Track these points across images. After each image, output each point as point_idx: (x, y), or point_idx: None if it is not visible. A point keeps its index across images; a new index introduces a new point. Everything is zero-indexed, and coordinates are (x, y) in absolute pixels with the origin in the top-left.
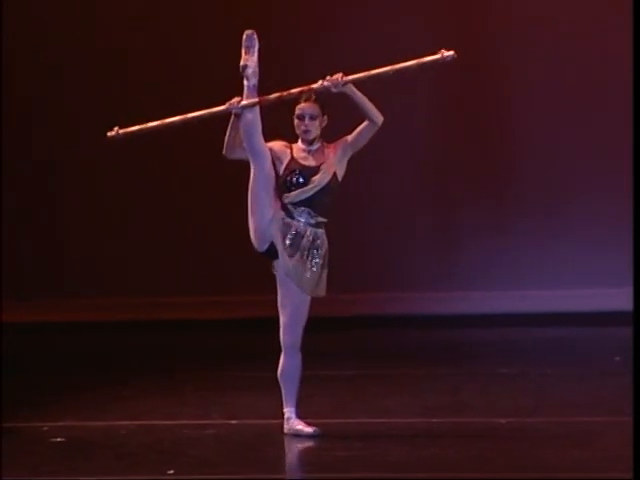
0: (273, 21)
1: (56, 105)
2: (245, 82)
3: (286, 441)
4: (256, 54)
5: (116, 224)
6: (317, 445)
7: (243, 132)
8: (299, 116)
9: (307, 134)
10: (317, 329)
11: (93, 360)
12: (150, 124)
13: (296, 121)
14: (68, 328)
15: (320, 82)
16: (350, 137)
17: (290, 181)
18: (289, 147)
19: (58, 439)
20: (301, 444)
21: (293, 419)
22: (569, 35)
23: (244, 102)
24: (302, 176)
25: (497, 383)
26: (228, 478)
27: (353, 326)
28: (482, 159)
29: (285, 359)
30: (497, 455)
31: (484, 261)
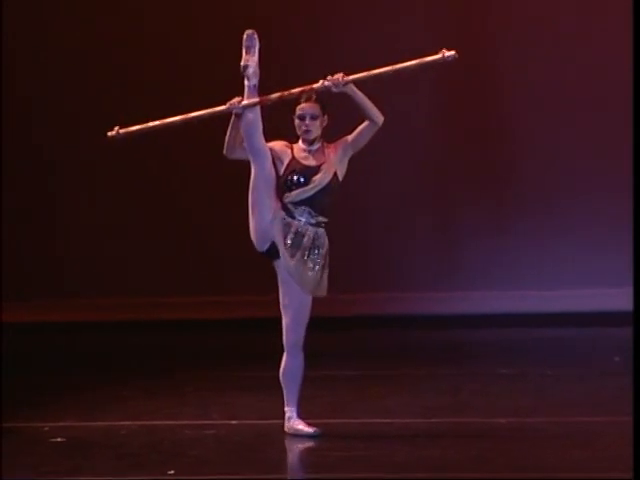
0: (273, 21)
1: (56, 105)
2: (246, 82)
3: (286, 441)
4: (257, 54)
5: (116, 224)
6: (317, 445)
7: (244, 132)
8: (300, 116)
9: (308, 134)
10: (317, 329)
11: (93, 360)
12: (150, 124)
13: (297, 121)
14: (68, 328)
15: (321, 82)
16: (350, 137)
17: (291, 181)
18: (290, 147)
19: (58, 439)
20: (301, 444)
21: (294, 418)
22: (569, 35)
23: (245, 102)
24: (303, 176)
25: (497, 383)
26: (228, 478)
27: (353, 326)
28: (482, 159)
29: (287, 359)
30: (497, 455)
31: (484, 261)
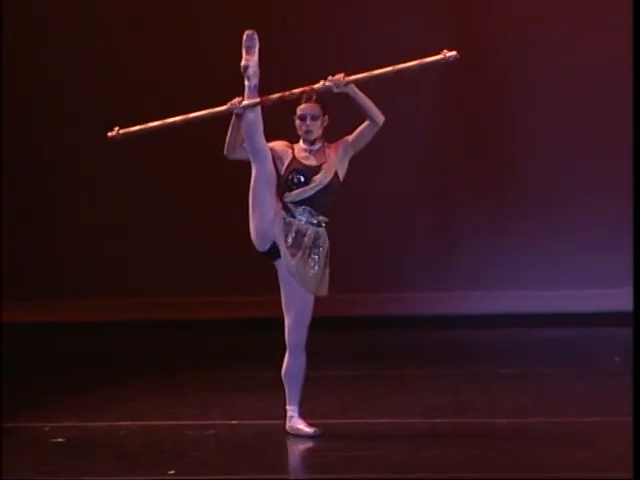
0: (273, 21)
1: (56, 105)
2: (246, 82)
3: (286, 441)
4: (257, 54)
5: (116, 224)
6: (318, 445)
7: (245, 132)
8: (301, 117)
9: (309, 134)
10: (317, 329)
11: (93, 360)
12: (151, 124)
13: (297, 121)
14: (68, 328)
15: (322, 82)
16: (351, 137)
17: (291, 180)
18: (290, 147)
19: (58, 439)
20: (301, 444)
21: (295, 418)
22: (569, 35)
23: (245, 102)
24: (303, 175)
25: (497, 383)
26: (228, 478)
27: (353, 326)
28: (482, 159)
29: (290, 358)
30: (497, 455)
31: (484, 261)
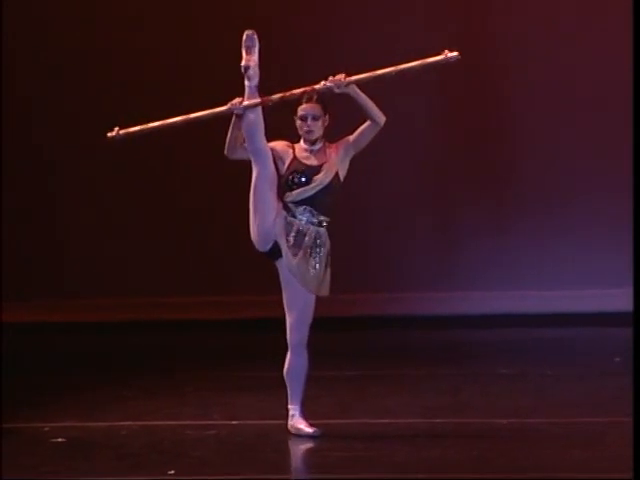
0: (273, 21)
1: (56, 105)
2: (246, 82)
3: (287, 442)
4: (257, 54)
5: (116, 224)
6: (318, 445)
7: (245, 132)
8: (302, 117)
9: (310, 134)
10: (317, 329)
11: (93, 360)
12: (151, 124)
13: (298, 122)
14: (68, 328)
15: (323, 83)
16: (352, 137)
17: (292, 180)
18: (291, 147)
19: (58, 439)
20: (302, 444)
21: (297, 417)
22: (569, 35)
23: (246, 102)
24: (304, 175)
25: (497, 383)
26: (229, 478)
27: (353, 326)
28: (482, 159)
29: (292, 357)
30: (497, 455)
31: (484, 261)
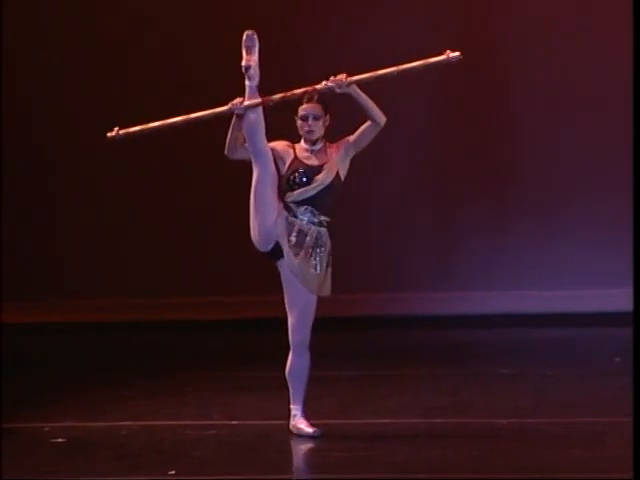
0: (273, 21)
1: (56, 105)
2: (247, 82)
3: (287, 442)
4: (257, 54)
5: (116, 224)
6: (318, 446)
7: (246, 132)
8: (302, 117)
9: (311, 134)
10: (317, 329)
11: (93, 360)
12: (151, 124)
13: (299, 122)
14: (68, 329)
15: (324, 83)
16: (352, 137)
17: (293, 180)
18: (292, 147)
19: (59, 439)
20: (302, 445)
21: (298, 417)
22: (569, 35)
23: (247, 102)
24: (305, 175)
25: (497, 383)
26: (229, 479)
27: (353, 326)
28: (482, 159)
29: (293, 357)
30: (497, 455)
31: (484, 261)
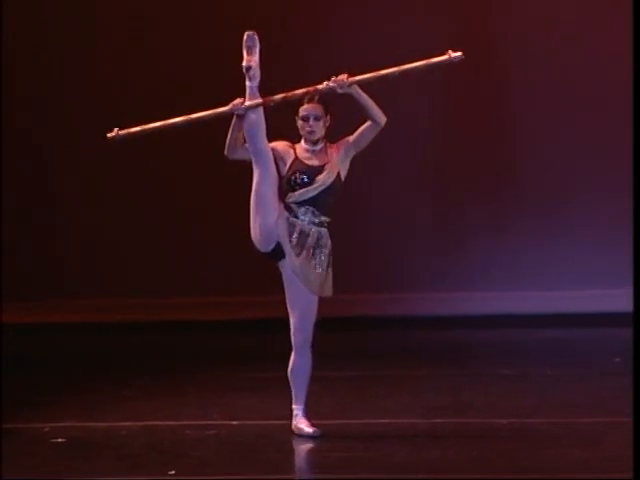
0: (273, 21)
1: (56, 105)
2: (248, 83)
3: (287, 442)
4: (257, 54)
5: (116, 224)
6: (318, 446)
7: (247, 133)
8: (304, 117)
9: (312, 135)
10: (318, 329)
11: (93, 360)
12: (151, 125)
13: (300, 122)
14: (68, 329)
15: (325, 83)
16: (353, 137)
17: (294, 181)
18: (292, 147)
19: (59, 440)
20: (302, 445)
21: (299, 417)
22: (569, 35)
23: (248, 103)
24: (307, 176)
25: (498, 384)
26: (229, 479)
27: (354, 327)
28: (482, 159)
29: (296, 357)
30: (498, 456)
31: (484, 261)
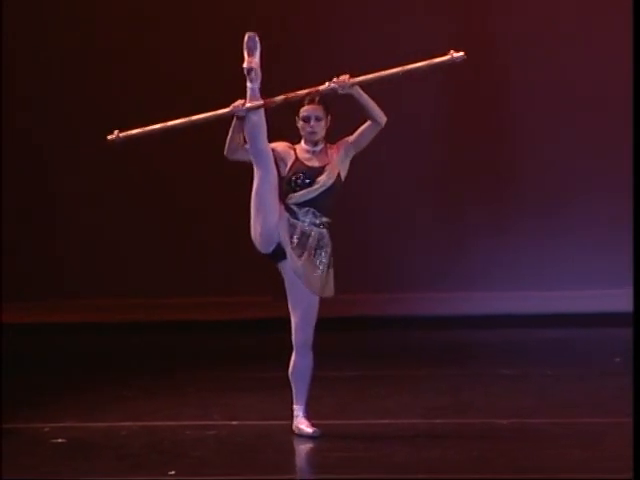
0: (273, 21)
1: (56, 105)
2: (249, 84)
3: (287, 442)
4: (258, 56)
5: (116, 224)
6: (318, 446)
7: (248, 134)
8: (305, 118)
9: (313, 135)
10: (318, 330)
11: (93, 360)
12: (151, 127)
13: (301, 123)
14: (68, 329)
15: (327, 84)
16: (352, 137)
17: (295, 182)
18: (292, 148)
19: (58, 440)
20: (302, 445)
21: (300, 417)
22: (569, 35)
23: (249, 105)
24: (307, 177)
25: (498, 384)
26: (229, 479)
27: (354, 327)
28: (482, 159)
29: (296, 358)
30: (498, 456)
31: (484, 261)
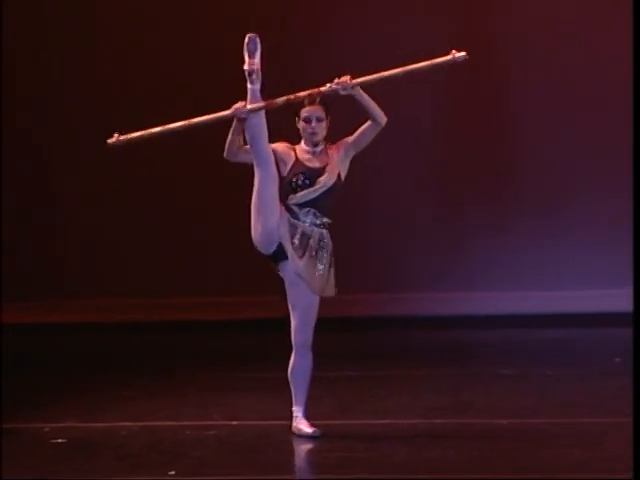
0: (273, 21)
1: (56, 105)
2: (250, 86)
3: (287, 442)
4: (259, 57)
5: (116, 224)
6: (318, 446)
7: (249, 136)
8: (306, 119)
9: (314, 136)
10: (318, 330)
11: (93, 360)
12: (152, 130)
13: (302, 123)
14: (68, 329)
15: (328, 85)
16: (352, 137)
17: (296, 182)
18: (292, 149)
19: (59, 440)
20: (301, 445)
21: (299, 418)
22: (569, 35)
23: (250, 106)
24: (308, 177)
25: (498, 384)
26: (229, 479)
27: (354, 327)
28: (482, 159)
29: (296, 358)
30: (498, 456)
31: (484, 261)
